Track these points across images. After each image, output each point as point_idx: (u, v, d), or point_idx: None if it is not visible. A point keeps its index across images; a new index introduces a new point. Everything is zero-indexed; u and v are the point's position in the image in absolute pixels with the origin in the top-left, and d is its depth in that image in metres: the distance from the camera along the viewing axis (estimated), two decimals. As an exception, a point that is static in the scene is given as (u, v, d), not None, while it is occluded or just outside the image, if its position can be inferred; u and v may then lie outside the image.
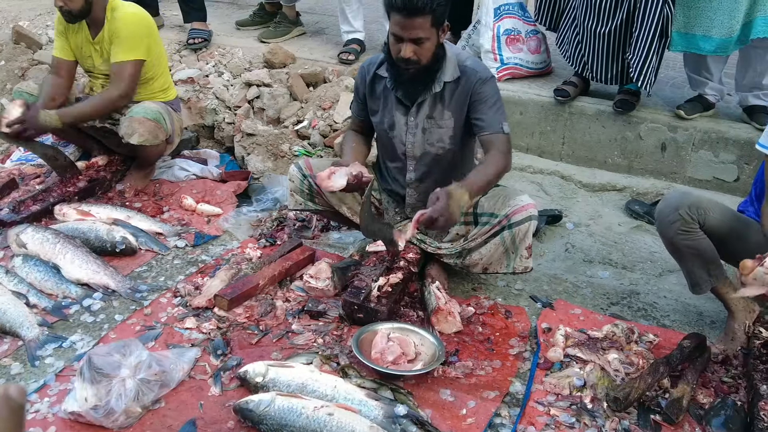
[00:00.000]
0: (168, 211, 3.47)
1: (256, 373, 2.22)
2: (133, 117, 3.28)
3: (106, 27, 3.33)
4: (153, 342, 2.49)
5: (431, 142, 2.73)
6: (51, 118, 3.23)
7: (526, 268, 2.75)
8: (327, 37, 4.83)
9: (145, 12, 3.46)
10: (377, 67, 2.72)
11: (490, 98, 2.60)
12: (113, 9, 3.33)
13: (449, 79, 2.61)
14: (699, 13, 3.28)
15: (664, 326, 2.70)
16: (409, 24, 2.41)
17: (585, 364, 2.40)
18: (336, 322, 2.63)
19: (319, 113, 3.95)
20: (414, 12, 2.38)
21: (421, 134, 2.72)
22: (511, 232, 2.65)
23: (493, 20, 3.96)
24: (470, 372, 2.41)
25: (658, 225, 2.51)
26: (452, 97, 2.64)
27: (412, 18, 2.39)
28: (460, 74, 2.61)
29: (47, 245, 2.93)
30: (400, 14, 2.40)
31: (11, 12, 5.29)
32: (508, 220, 2.64)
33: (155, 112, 3.33)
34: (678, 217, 2.39)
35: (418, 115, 2.69)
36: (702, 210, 2.39)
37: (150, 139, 3.30)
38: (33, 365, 2.39)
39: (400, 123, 2.73)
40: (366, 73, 2.76)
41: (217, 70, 4.42)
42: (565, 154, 3.84)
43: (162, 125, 3.35)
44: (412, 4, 2.36)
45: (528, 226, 2.65)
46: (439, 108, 2.67)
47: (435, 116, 2.68)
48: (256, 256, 3.05)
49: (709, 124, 3.55)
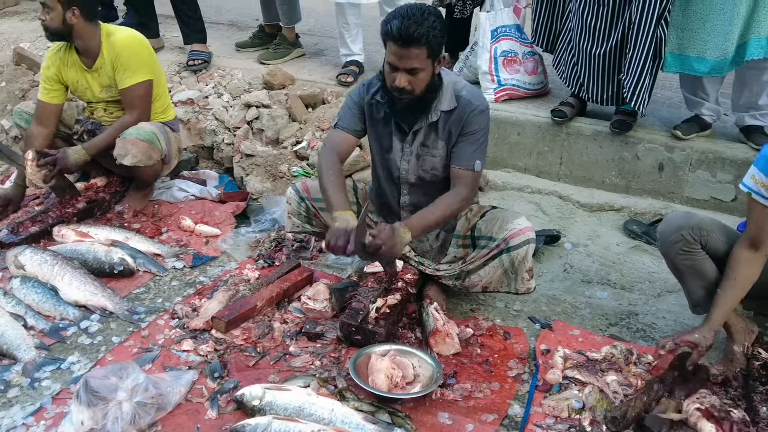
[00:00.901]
0: (166, 232, 3.47)
1: (253, 396, 2.21)
2: (126, 138, 3.29)
3: (105, 54, 3.36)
4: (150, 364, 2.48)
5: (425, 169, 2.74)
6: (80, 154, 3.33)
7: (529, 289, 2.77)
8: (326, 58, 4.87)
9: (140, 35, 3.50)
10: (376, 92, 2.70)
11: (476, 132, 2.61)
12: (109, 35, 3.37)
13: (446, 109, 2.61)
14: (693, 35, 3.31)
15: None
16: (405, 54, 2.42)
17: (584, 386, 2.39)
18: (334, 344, 2.62)
19: (318, 134, 3.97)
20: (409, 42, 2.39)
21: (415, 161, 2.73)
22: (510, 255, 2.66)
23: (490, 42, 3.99)
24: (469, 394, 2.39)
25: (660, 245, 2.52)
26: (445, 126, 2.64)
27: (408, 48, 2.40)
28: (456, 105, 2.61)
29: (45, 267, 2.93)
30: (395, 44, 2.41)
31: (12, 34, 5.34)
32: (506, 243, 2.65)
33: (148, 133, 3.35)
34: (680, 238, 2.40)
35: (414, 143, 2.70)
36: (704, 231, 2.40)
37: (143, 159, 3.31)
38: (31, 387, 2.38)
39: (396, 148, 2.74)
40: (365, 93, 2.74)
41: (216, 91, 4.45)
42: (562, 174, 3.85)
43: (156, 145, 3.37)
44: (408, 34, 2.37)
45: (526, 250, 2.65)
46: (432, 137, 2.67)
47: (429, 144, 2.69)
48: (254, 277, 3.05)
49: (706, 144, 3.56)
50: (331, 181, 2.65)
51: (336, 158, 2.73)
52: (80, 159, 3.34)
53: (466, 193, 2.63)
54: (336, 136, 2.79)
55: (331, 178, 2.65)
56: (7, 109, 4.63)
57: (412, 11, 2.39)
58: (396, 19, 2.40)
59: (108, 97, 3.48)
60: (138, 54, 3.38)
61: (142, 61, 3.39)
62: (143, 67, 3.39)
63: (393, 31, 2.39)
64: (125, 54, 3.34)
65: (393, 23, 2.40)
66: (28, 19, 5.75)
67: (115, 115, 3.54)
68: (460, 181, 2.63)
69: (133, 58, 3.36)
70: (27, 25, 5.57)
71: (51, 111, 3.47)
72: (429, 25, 2.38)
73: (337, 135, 2.79)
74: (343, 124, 2.78)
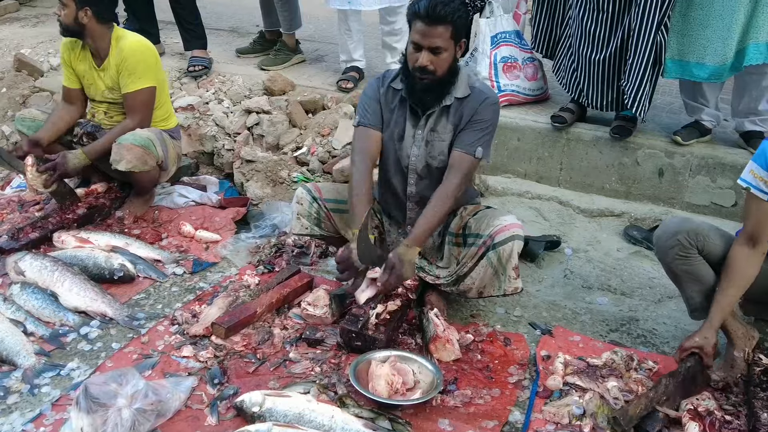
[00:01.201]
0: (167, 238, 3.47)
1: (253, 403, 2.20)
2: (122, 143, 3.30)
3: (112, 57, 3.40)
4: (150, 371, 2.48)
5: (433, 155, 2.76)
6: (80, 159, 3.36)
7: (516, 288, 2.72)
8: (326, 64, 4.88)
9: (149, 41, 3.53)
10: (392, 80, 2.78)
11: (484, 121, 2.68)
12: (118, 38, 3.41)
13: (459, 96, 2.68)
14: (692, 40, 3.32)
15: (663, 353, 2.69)
16: (430, 32, 2.52)
17: (584, 392, 2.38)
18: (334, 350, 2.62)
19: (318, 140, 3.98)
20: (436, 20, 2.50)
21: (424, 147, 2.76)
22: (496, 252, 2.63)
23: (490, 48, 4.00)
24: (469, 401, 2.39)
25: (657, 250, 2.52)
26: (457, 112, 2.70)
27: (434, 26, 2.51)
28: (470, 93, 2.69)
29: (45, 273, 2.93)
30: (422, 22, 2.52)
31: (13, 40, 5.34)
32: (492, 240, 2.63)
33: (144, 139, 3.35)
34: (676, 242, 2.40)
35: (425, 128, 2.74)
36: (701, 236, 2.40)
37: (138, 165, 3.31)
38: (30, 394, 2.37)
39: (408, 135, 2.77)
40: (380, 84, 2.81)
41: (217, 97, 4.46)
42: (562, 179, 3.85)
43: (151, 151, 3.37)
44: (435, 12, 2.48)
45: (512, 246, 2.62)
46: (443, 121, 2.72)
47: (438, 129, 2.73)
48: (254, 283, 3.04)
49: (706, 149, 3.56)
50: (360, 199, 2.67)
51: (369, 166, 2.76)
52: (80, 163, 3.35)
53: (458, 180, 2.66)
54: (362, 135, 2.80)
55: (362, 198, 2.68)
56: (8, 115, 4.63)
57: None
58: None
59: (111, 99, 3.51)
60: (144, 60, 3.41)
61: (147, 68, 3.41)
62: (148, 73, 3.41)
63: (421, 10, 2.51)
64: (131, 59, 3.37)
65: (421, 3, 2.51)
66: (29, 25, 5.76)
67: (115, 120, 3.55)
68: (455, 167, 2.68)
69: (139, 64, 3.39)
70: (28, 32, 5.58)
71: (74, 94, 3.58)
72: (455, 6, 2.52)
73: (363, 133, 2.80)
74: (365, 120, 2.81)
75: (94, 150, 3.39)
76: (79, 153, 3.36)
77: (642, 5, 3.24)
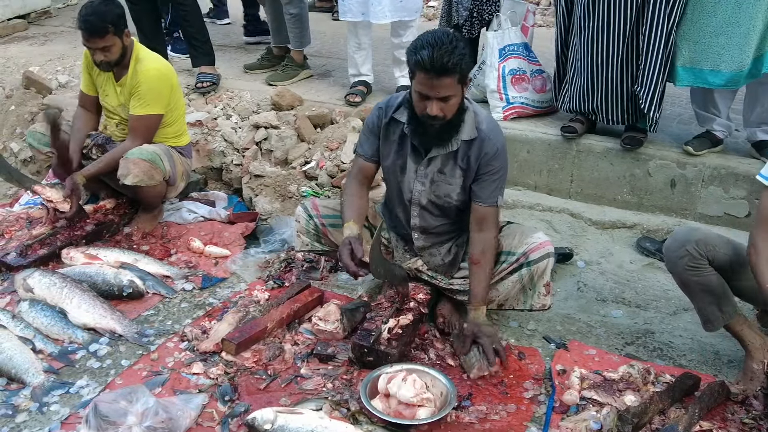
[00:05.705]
0: (175, 254, 3.45)
1: (265, 420, 2.17)
2: (129, 158, 3.31)
3: (129, 76, 3.42)
4: (160, 388, 2.45)
5: (438, 194, 2.72)
6: (79, 180, 3.39)
7: (544, 305, 2.73)
8: (334, 79, 4.88)
9: (168, 66, 3.57)
10: (394, 111, 2.69)
11: (497, 172, 2.63)
12: (137, 60, 3.42)
13: (466, 138, 2.59)
14: (706, 48, 3.29)
15: (680, 366, 2.64)
16: (437, 84, 2.38)
17: (601, 406, 2.35)
18: (345, 366, 2.58)
19: (327, 154, 3.97)
20: (442, 72, 2.35)
21: (429, 185, 2.70)
22: (530, 269, 2.64)
23: (498, 60, 3.99)
24: (484, 417, 2.35)
25: (667, 261, 2.51)
26: (465, 156, 2.63)
27: (441, 78, 2.37)
28: (477, 135, 2.60)
29: (54, 290, 2.91)
30: (427, 74, 2.37)
31: (22, 58, 5.38)
32: (526, 257, 2.64)
33: (151, 153, 3.36)
34: (685, 253, 2.38)
35: (429, 167, 2.68)
36: (710, 246, 2.37)
37: (145, 179, 3.31)
38: (39, 412, 2.35)
39: (410, 169, 2.71)
40: (382, 115, 2.73)
41: (225, 112, 4.46)
42: (573, 191, 3.82)
43: (158, 166, 3.37)
44: (441, 64, 2.33)
45: (546, 264, 2.64)
46: (451, 164, 2.66)
47: (446, 172, 2.67)
48: (264, 298, 3.02)
49: (718, 160, 3.53)
50: (345, 201, 2.78)
51: (357, 184, 2.84)
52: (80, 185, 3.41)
53: (493, 233, 2.68)
54: (357, 164, 2.87)
55: (346, 199, 2.79)
56: (17, 132, 4.64)
57: (441, 40, 2.35)
58: (425, 49, 2.34)
59: (123, 113, 3.53)
60: (157, 89, 3.42)
61: (158, 96, 3.43)
62: (158, 102, 3.44)
63: (424, 62, 2.34)
64: (144, 86, 3.39)
65: (423, 53, 2.34)
66: (38, 43, 5.80)
67: (126, 133, 3.55)
68: (487, 220, 2.66)
69: (151, 91, 3.40)
70: (36, 50, 5.61)
71: (90, 101, 3.63)
72: (460, 53, 2.35)
73: (358, 162, 2.86)
74: (361, 151, 2.84)
75: (89, 172, 3.44)
76: (77, 175, 3.39)
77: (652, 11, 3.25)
